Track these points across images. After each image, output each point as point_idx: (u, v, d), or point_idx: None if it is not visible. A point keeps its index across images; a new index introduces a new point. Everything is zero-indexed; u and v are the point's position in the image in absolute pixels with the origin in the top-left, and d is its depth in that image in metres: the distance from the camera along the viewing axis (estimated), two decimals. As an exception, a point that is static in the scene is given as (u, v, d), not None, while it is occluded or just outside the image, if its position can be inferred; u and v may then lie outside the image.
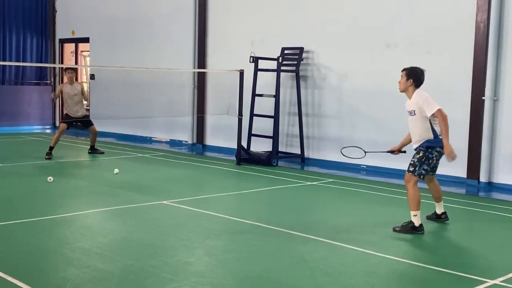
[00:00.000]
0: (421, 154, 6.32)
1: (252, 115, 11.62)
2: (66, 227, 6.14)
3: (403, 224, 6.30)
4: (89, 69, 17.79)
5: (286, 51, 11.68)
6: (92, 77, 16.99)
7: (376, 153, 7.22)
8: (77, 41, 18.01)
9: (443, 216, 6.80)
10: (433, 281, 4.86)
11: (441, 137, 6.27)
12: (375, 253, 5.46)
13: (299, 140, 11.68)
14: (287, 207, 7.69)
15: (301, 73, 11.67)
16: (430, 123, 6.25)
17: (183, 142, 14.31)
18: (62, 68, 16.82)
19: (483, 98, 9.40)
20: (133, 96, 15.37)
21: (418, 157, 6.31)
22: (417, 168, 6.29)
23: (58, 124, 15.81)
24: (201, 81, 13.92)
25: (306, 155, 11.75)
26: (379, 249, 5.58)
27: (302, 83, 11.70)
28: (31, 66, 17.54)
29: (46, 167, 10.24)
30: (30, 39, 17.87)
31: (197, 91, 13.97)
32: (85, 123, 11.90)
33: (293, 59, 11.62)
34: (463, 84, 9.64)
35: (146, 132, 15.25)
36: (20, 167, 10.06)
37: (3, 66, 17.17)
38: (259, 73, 11.62)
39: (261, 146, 11.63)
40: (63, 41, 18.21)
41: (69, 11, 17.64)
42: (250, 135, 11.64)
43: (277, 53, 11.51)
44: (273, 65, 11.41)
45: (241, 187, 9.10)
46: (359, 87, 10.97)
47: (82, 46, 18.43)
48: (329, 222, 6.80)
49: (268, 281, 4.67)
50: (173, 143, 14.43)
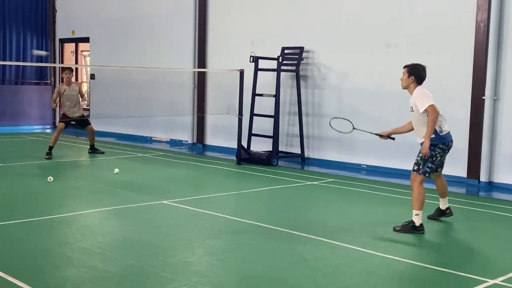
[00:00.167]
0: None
1: (252, 114, 11.62)
2: (66, 227, 6.14)
3: (404, 223, 6.30)
4: (89, 69, 17.79)
5: (286, 51, 11.67)
6: (92, 77, 17.00)
7: (364, 132, 7.09)
8: (77, 41, 18.04)
9: (448, 211, 6.81)
10: (433, 280, 4.85)
11: (442, 134, 6.27)
12: (375, 253, 5.46)
13: (299, 139, 11.67)
14: (287, 207, 7.68)
15: (301, 73, 11.67)
16: None
17: (183, 141, 14.31)
18: (61, 68, 16.80)
19: (483, 97, 9.40)
20: (133, 96, 15.36)
21: (421, 155, 6.31)
22: (421, 166, 6.28)
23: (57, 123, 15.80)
24: (201, 81, 13.92)
25: (306, 154, 11.75)
26: (379, 249, 5.58)
27: (302, 83, 11.70)
28: (31, 66, 17.53)
29: (46, 167, 10.24)
30: (30, 39, 17.87)
31: (197, 91, 13.97)
32: (82, 123, 11.90)
33: (293, 59, 11.61)
34: (463, 83, 9.64)
35: (146, 132, 15.25)
36: (20, 167, 10.06)
37: (3, 66, 17.18)
38: (259, 72, 11.61)
39: (261, 145, 11.63)
40: (63, 41, 18.23)
41: (69, 11, 17.64)
42: (250, 134, 11.64)
43: (277, 53, 11.50)
44: (273, 64, 11.41)
45: (241, 187, 9.09)
46: (359, 87, 10.96)
47: (82, 46, 18.47)
48: (329, 222, 6.79)
49: (268, 280, 4.67)
50: (173, 143, 14.43)
